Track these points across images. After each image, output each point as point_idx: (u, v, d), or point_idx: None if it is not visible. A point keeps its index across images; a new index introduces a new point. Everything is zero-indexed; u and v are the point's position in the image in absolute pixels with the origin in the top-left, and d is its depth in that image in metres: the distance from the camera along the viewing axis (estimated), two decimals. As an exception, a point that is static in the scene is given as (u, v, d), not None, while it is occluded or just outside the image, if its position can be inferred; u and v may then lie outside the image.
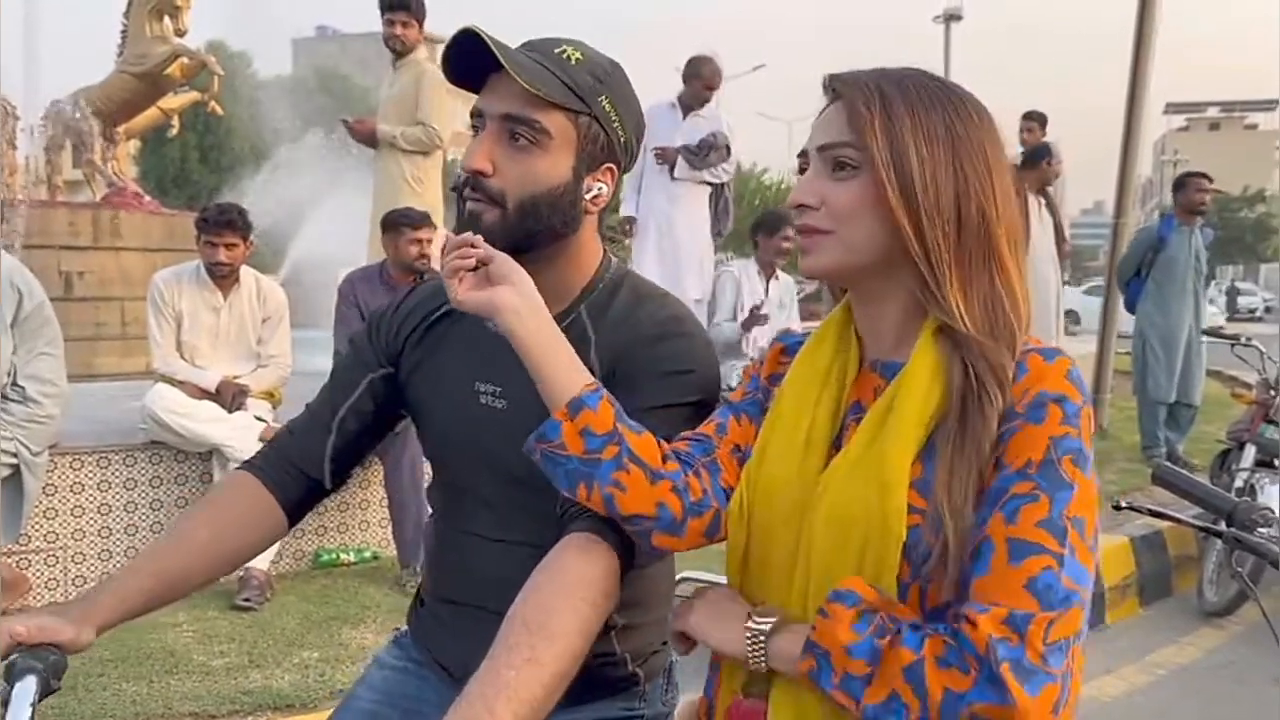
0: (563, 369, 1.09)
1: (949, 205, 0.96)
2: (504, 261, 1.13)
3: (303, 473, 1.35)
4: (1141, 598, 4.50)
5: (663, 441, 1.10)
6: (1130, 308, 6.55)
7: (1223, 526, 1.51)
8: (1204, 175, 6.37)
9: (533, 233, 1.20)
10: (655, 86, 6.29)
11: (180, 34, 8.22)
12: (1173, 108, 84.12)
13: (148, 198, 8.66)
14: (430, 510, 1.45)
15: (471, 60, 1.18)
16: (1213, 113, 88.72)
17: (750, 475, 1.05)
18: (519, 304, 1.10)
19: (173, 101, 9.01)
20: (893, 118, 0.97)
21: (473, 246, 1.13)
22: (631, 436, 1.07)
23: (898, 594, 0.93)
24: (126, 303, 7.34)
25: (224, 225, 3.98)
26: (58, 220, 7.50)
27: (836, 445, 1.01)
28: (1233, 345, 5.40)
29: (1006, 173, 1.00)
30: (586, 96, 1.20)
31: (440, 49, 1.24)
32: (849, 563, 0.94)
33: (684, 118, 6.00)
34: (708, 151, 5.93)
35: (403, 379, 1.37)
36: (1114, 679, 3.71)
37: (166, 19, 8.09)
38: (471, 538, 1.31)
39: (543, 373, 1.09)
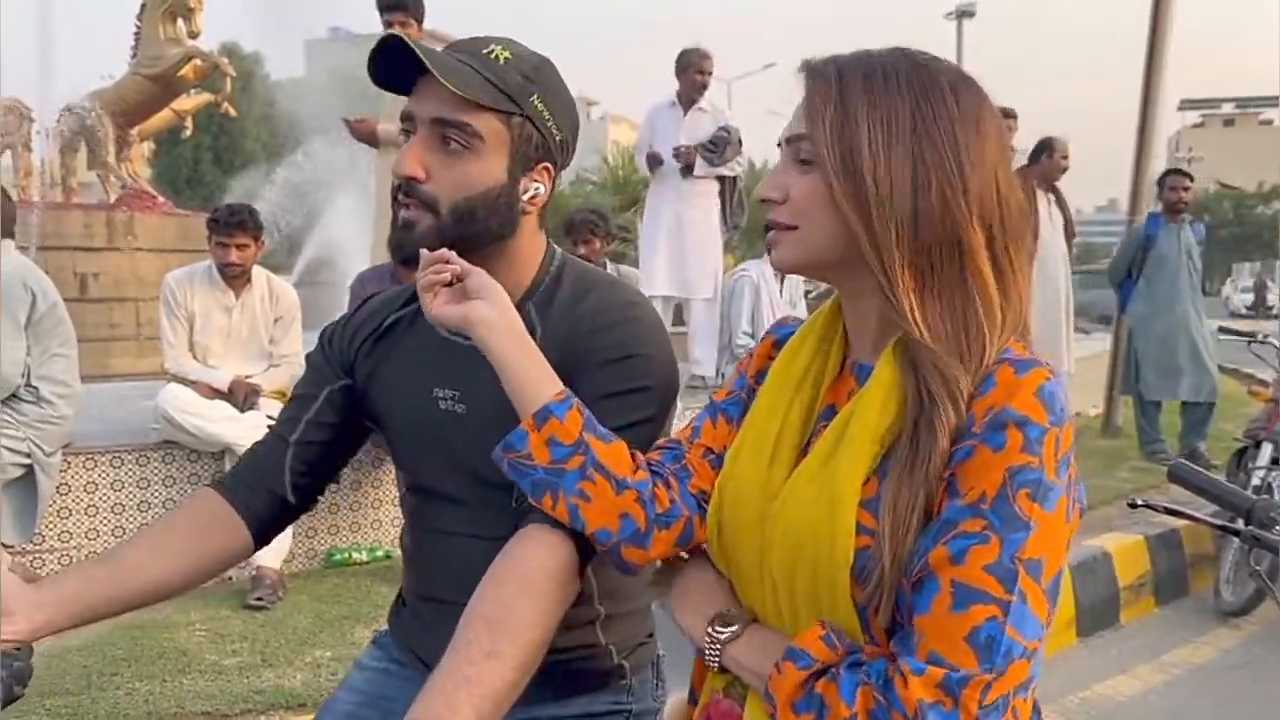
0: (533, 380, 1.08)
1: (904, 200, 0.88)
2: (479, 276, 1.13)
3: (266, 488, 1.33)
4: (1157, 597, 4.47)
5: (637, 452, 1.09)
6: (1124, 309, 6.52)
7: (1241, 524, 1.50)
8: (1183, 173, 6.44)
9: (468, 236, 1.19)
10: (656, 86, 6.29)
11: (194, 36, 8.28)
12: (1187, 104, 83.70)
13: (161, 199, 8.72)
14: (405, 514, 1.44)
15: (399, 64, 1.16)
16: (1228, 109, 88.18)
17: (722, 479, 1.02)
18: (493, 318, 1.10)
19: (186, 103, 9.08)
20: (846, 107, 0.90)
21: (448, 263, 1.13)
22: (599, 446, 1.05)
23: (857, 616, 0.88)
24: (141, 303, 7.40)
25: (235, 226, 4.00)
26: (72, 222, 7.56)
27: (808, 450, 0.96)
28: (1249, 342, 5.35)
29: (992, 162, 0.90)
30: (517, 97, 1.19)
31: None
32: (804, 581, 0.90)
33: (685, 114, 5.98)
34: (724, 147, 5.89)
35: (360, 388, 1.37)
36: (1129, 678, 3.69)
37: (180, 21, 8.15)
38: (447, 536, 1.31)
39: (514, 384, 1.08)
